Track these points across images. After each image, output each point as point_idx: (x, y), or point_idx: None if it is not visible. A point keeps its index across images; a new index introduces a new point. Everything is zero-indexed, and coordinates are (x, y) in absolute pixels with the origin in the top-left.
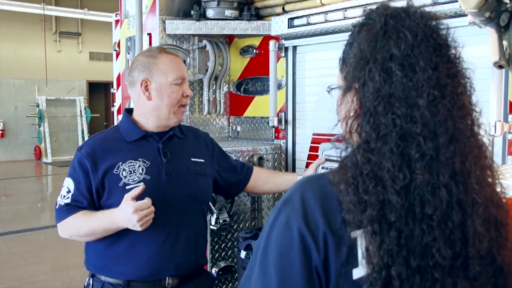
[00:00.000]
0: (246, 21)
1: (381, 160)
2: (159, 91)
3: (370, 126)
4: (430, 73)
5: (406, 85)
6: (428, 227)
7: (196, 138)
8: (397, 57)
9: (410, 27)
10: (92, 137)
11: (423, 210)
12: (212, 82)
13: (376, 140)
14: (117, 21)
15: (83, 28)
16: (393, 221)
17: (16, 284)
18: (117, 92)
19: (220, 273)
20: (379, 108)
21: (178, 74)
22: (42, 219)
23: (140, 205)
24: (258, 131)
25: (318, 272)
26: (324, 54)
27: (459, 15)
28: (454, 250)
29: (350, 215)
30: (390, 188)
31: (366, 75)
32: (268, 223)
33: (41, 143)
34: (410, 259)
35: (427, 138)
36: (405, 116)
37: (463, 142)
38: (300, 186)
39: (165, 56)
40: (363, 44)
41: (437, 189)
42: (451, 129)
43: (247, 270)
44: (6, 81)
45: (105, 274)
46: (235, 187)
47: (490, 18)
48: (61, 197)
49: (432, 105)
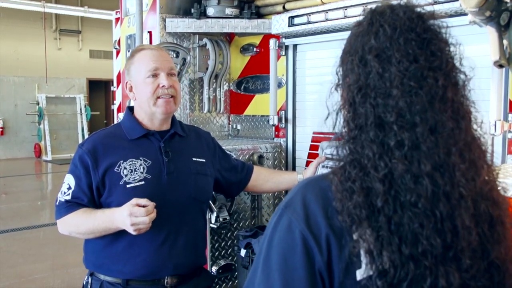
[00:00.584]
0: (246, 19)
1: (362, 149)
2: (136, 88)
3: (351, 116)
4: (407, 64)
5: (381, 76)
6: (414, 214)
7: (197, 138)
8: (375, 49)
9: (391, 21)
10: (94, 134)
11: (406, 197)
12: (212, 80)
13: (356, 129)
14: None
15: (83, 26)
16: (381, 207)
17: (16, 282)
18: (117, 90)
19: (220, 271)
20: (357, 98)
21: (149, 66)
22: (41, 217)
23: (135, 210)
24: (258, 129)
25: (321, 275)
26: (324, 52)
27: (460, 14)
28: (445, 240)
29: (338, 203)
30: (373, 176)
31: (348, 68)
32: (269, 226)
33: (41, 141)
34: (402, 246)
35: (402, 127)
36: (381, 106)
37: (445, 134)
38: (301, 189)
39: (140, 53)
40: (350, 39)
41: (420, 178)
42: (430, 120)
43: (250, 274)
44: (6, 78)
45: (103, 272)
46: (235, 186)
47: (491, 17)
48: (61, 194)
49: (408, 95)
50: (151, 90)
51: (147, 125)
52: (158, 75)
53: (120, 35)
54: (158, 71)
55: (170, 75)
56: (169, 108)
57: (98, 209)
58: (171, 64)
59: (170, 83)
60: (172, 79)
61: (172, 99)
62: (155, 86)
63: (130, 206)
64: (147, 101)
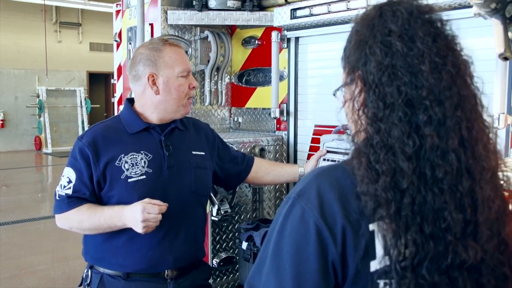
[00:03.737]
0: (248, 11)
1: (390, 128)
2: (167, 84)
3: (377, 97)
4: (430, 43)
5: (407, 55)
6: (439, 191)
7: (197, 130)
8: (395, 31)
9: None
10: (93, 126)
11: (433, 174)
12: (213, 73)
13: (384, 109)
14: (118, 12)
15: (84, 18)
16: (406, 188)
17: (17, 273)
18: (118, 83)
19: (221, 264)
20: (384, 78)
21: (184, 66)
22: (42, 209)
23: (149, 207)
24: (260, 122)
25: (334, 266)
26: (326, 45)
27: (464, 6)
28: (464, 216)
29: (363, 186)
30: (400, 155)
31: (368, 53)
32: (280, 215)
33: (41, 134)
34: (424, 226)
35: (433, 102)
36: (410, 83)
37: (468, 109)
38: (315, 178)
39: (169, 48)
40: (361, 29)
41: (447, 153)
42: (455, 95)
43: (257, 263)
44: (6, 71)
45: (103, 266)
46: (235, 178)
47: (496, 10)
48: (61, 187)
49: (436, 71)
50: (184, 90)
51: (147, 118)
52: (188, 75)
53: (121, 27)
54: (189, 71)
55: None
56: (189, 110)
57: (104, 206)
58: None
59: None
60: None
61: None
62: (187, 86)
63: (144, 203)
64: (178, 99)
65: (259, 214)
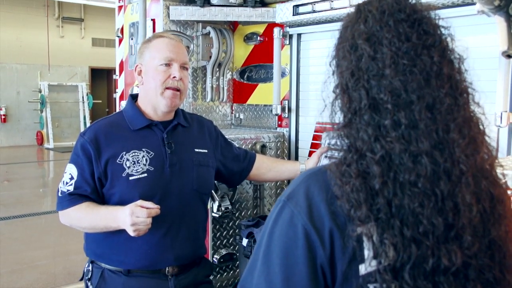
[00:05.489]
0: (250, 7)
1: (357, 132)
2: (146, 74)
3: (345, 101)
4: (399, 44)
5: (373, 58)
6: (414, 194)
7: (200, 127)
8: (364, 33)
9: (379, 6)
10: (96, 123)
11: (405, 177)
12: (215, 69)
13: (351, 114)
14: (120, 7)
15: (86, 13)
16: (379, 189)
17: (18, 268)
18: (120, 79)
19: (222, 260)
20: (350, 83)
21: (165, 54)
22: (43, 204)
23: (137, 210)
24: (261, 119)
25: (323, 269)
26: (329, 42)
27: (468, 4)
28: (446, 219)
29: (336, 188)
30: (369, 159)
31: (341, 57)
32: (270, 218)
33: (43, 129)
34: (404, 229)
35: (397, 106)
36: (375, 88)
37: (443, 110)
38: (304, 180)
39: (158, 39)
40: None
41: (419, 157)
42: (427, 97)
43: (249, 265)
44: (9, 66)
45: (104, 261)
46: (238, 175)
47: (500, 7)
48: (63, 184)
49: (401, 74)
50: (161, 78)
51: (150, 114)
52: (171, 65)
53: (123, 23)
54: (172, 61)
55: (182, 68)
56: (174, 102)
57: (102, 205)
58: (186, 58)
59: (181, 76)
60: (183, 73)
61: (178, 93)
62: (166, 76)
63: (133, 206)
64: (154, 89)
65: (259, 211)
